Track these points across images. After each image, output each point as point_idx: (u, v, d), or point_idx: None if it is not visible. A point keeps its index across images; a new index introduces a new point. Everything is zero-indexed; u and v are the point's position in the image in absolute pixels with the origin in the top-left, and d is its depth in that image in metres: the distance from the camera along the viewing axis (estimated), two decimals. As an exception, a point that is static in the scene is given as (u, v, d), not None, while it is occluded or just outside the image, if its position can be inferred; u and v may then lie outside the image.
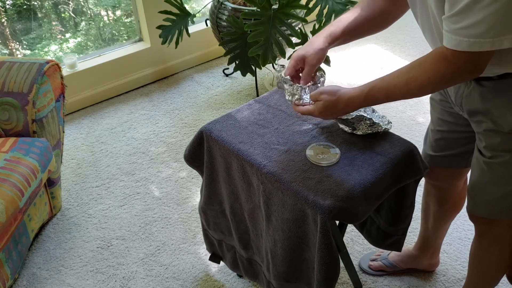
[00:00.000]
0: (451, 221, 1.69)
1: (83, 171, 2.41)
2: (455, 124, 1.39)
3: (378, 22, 1.32)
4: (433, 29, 1.13)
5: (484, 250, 1.45)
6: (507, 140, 1.18)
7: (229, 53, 2.52)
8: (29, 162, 1.76)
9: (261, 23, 2.30)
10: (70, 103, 2.78)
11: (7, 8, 2.83)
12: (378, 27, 1.33)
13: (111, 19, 3.35)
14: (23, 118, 1.86)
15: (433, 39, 1.18)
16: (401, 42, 3.40)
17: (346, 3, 2.40)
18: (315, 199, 1.17)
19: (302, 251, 1.30)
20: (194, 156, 1.52)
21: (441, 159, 1.48)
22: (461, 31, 0.95)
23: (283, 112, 1.48)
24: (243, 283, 1.84)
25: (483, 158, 1.25)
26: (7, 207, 1.61)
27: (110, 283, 1.87)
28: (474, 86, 1.19)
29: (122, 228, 2.10)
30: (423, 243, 1.77)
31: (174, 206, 2.19)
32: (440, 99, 1.39)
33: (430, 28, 1.14)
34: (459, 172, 1.52)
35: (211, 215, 1.60)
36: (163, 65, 3.10)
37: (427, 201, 1.66)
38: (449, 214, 1.65)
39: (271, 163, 1.28)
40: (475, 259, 1.52)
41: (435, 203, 1.63)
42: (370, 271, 1.84)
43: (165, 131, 2.66)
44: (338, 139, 1.36)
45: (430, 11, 1.09)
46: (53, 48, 3.11)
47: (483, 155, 1.25)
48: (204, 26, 3.10)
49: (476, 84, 1.18)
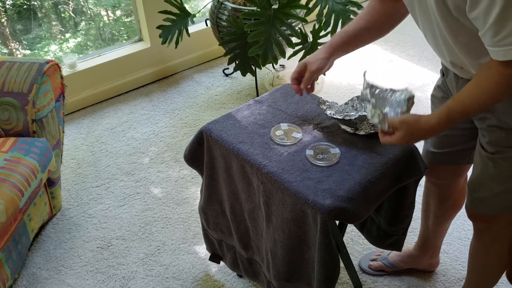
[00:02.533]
0: (452, 219, 1.69)
1: (83, 171, 2.41)
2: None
3: (379, 28, 1.36)
4: (436, 33, 1.14)
5: (484, 249, 1.45)
6: (511, 136, 1.20)
7: (229, 53, 2.52)
8: (29, 162, 1.76)
9: (261, 23, 2.30)
10: (70, 103, 2.78)
11: (7, 8, 2.83)
12: (380, 33, 1.38)
13: (111, 19, 3.35)
14: (23, 118, 1.86)
15: (436, 42, 1.19)
16: (401, 42, 3.40)
17: (346, 3, 2.40)
18: (315, 199, 1.17)
19: (302, 251, 1.31)
20: (194, 156, 1.52)
21: (444, 156, 1.49)
22: (503, 41, 0.96)
23: (283, 112, 1.48)
24: (243, 283, 1.84)
25: (486, 153, 1.26)
26: (7, 207, 1.61)
27: (110, 283, 1.87)
28: None
29: (122, 228, 2.10)
30: (423, 242, 1.77)
31: (174, 206, 2.19)
32: (442, 96, 1.40)
33: (433, 32, 1.15)
34: (460, 168, 1.53)
35: (211, 215, 1.60)
36: (163, 65, 3.10)
37: (428, 199, 1.66)
38: (449, 212, 1.65)
39: (271, 163, 1.28)
40: (474, 258, 1.52)
41: (436, 201, 1.63)
42: (370, 271, 1.84)
43: (165, 131, 2.66)
44: (338, 139, 1.36)
45: (433, 16, 1.10)
46: (53, 48, 3.11)
47: (486, 150, 1.26)
48: (204, 26, 3.10)
49: None
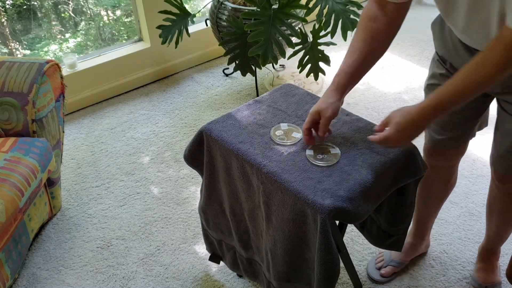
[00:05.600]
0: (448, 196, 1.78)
1: (83, 171, 2.41)
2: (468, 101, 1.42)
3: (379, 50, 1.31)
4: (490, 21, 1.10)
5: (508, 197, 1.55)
6: None
7: (229, 53, 2.52)
8: (29, 162, 1.76)
9: (261, 23, 2.30)
10: (70, 103, 2.78)
11: (7, 8, 2.83)
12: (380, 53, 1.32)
13: (111, 19, 3.35)
14: (23, 118, 1.86)
15: (485, 32, 1.14)
16: (401, 42, 3.40)
17: (346, 3, 2.40)
18: (315, 199, 1.17)
19: (302, 251, 1.30)
20: (194, 156, 1.52)
21: (451, 141, 1.53)
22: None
23: (283, 112, 1.48)
24: (243, 283, 1.84)
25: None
26: (7, 207, 1.61)
27: (110, 283, 1.87)
28: None
29: (122, 228, 2.10)
30: (420, 228, 1.82)
31: (174, 206, 2.19)
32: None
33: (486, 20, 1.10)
34: (465, 146, 1.58)
35: (211, 215, 1.60)
36: (163, 65, 3.10)
37: (429, 184, 1.68)
38: (450, 190, 1.73)
39: (271, 163, 1.28)
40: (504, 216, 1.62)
41: (441, 183, 1.67)
42: (384, 279, 1.83)
43: (165, 131, 2.66)
44: (338, 139, 1.36)
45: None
46: (53, 48, 3.11)
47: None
48: (204, 26, 3.10)
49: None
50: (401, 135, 1.18)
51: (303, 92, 1.57)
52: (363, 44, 1.28)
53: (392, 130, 1.18)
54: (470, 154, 2.38)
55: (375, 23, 1.27)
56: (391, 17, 1.26)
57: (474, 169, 2.30)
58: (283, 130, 1.39)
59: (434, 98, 1.13)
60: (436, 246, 1.95)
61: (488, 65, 1.05)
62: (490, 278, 1.76)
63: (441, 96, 1.12)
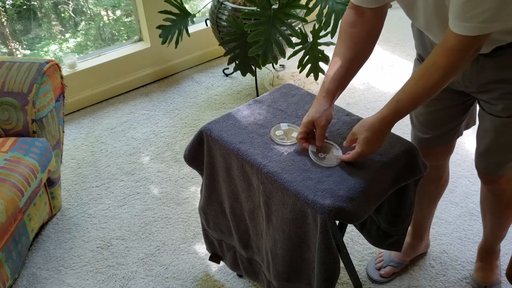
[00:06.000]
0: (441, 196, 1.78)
1: (83, 171, 2.41)
2: (449, 99, 1.44)
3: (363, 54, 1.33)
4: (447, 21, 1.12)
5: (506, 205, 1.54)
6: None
7: (229, 53, 2.52)
8: (29, 162, 1.76)
9: (261, 23, 2.30)
10: (70, 103, 2.78)
11: (7, 8, 2.83)
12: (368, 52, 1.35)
13: (111, 19, 3.35)
14: (23, 118, 1.86)
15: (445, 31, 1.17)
16: (401, 42, 3.40)
17: (346, 3, 2.40)
18: (315, 199, 1.17)
19: (302, 251, 1.31)
20: (194, 156, 1.52)
21: (437, 139, 1.55)
22: (475, 17, 0.98)
23: (283, 112, 1.48)
24: (243, 283, 1.84)
25: (501, 119, 1.31)
26: (7, 207, 1.61)
27: (110, 283, 1.87)
28: (484, 61, 1.23)
29: (122, 228, 2.10)
30: (417, 228, 1.82)
31: (174, 206, 2.19)
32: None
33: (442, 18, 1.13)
34: (452, 144, 1.60)
35: (211, 215, 1.60)
36: (163, 65, 3.10)
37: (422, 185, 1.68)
38: (443, 190, 1.74)
39: (271, 163, 1.28)
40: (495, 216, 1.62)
41: (432, 183, 1.68)
42: (384, 280, 1.83)
43: (165, 131, 2.66)
44: (338, 139, 1.36)
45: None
46: (53, 48, 3.11)
47: (500, 117, 1.31)
48: (204, 26, 3.10)
49: (486, 58, 1.22)
50: (372, 146, 1.24)
51: (303, 92, 1.57)
52: (346, 51, 1.30)
53: (364, 146, 1.23)
54: (470, 154, 2.38)
55: (356, 28, 1.29)
56: (370, 22, 1.29)
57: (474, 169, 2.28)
58: (283, 130, 1.40)
59: (390, 108, 1.20)
60: (436, 246, 1.95)
61: (435, 70, 1.11)
62: (489, 277, 1.76)
63: (395, 105, 1.19)
